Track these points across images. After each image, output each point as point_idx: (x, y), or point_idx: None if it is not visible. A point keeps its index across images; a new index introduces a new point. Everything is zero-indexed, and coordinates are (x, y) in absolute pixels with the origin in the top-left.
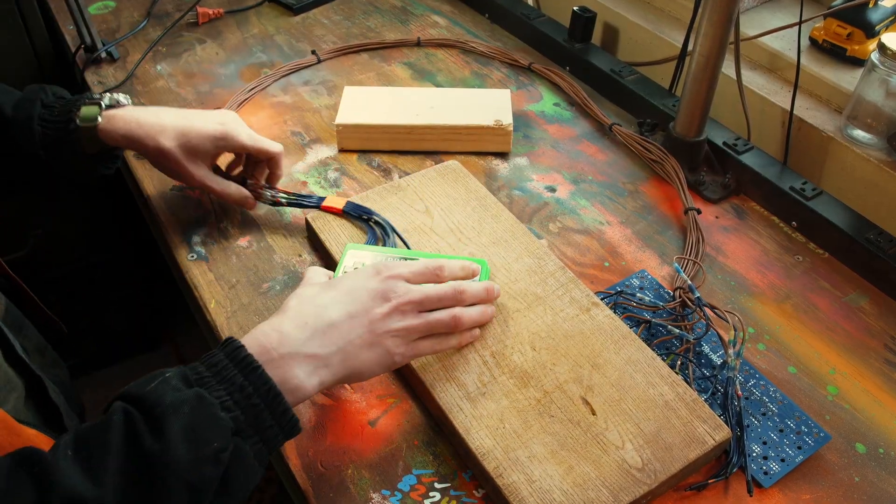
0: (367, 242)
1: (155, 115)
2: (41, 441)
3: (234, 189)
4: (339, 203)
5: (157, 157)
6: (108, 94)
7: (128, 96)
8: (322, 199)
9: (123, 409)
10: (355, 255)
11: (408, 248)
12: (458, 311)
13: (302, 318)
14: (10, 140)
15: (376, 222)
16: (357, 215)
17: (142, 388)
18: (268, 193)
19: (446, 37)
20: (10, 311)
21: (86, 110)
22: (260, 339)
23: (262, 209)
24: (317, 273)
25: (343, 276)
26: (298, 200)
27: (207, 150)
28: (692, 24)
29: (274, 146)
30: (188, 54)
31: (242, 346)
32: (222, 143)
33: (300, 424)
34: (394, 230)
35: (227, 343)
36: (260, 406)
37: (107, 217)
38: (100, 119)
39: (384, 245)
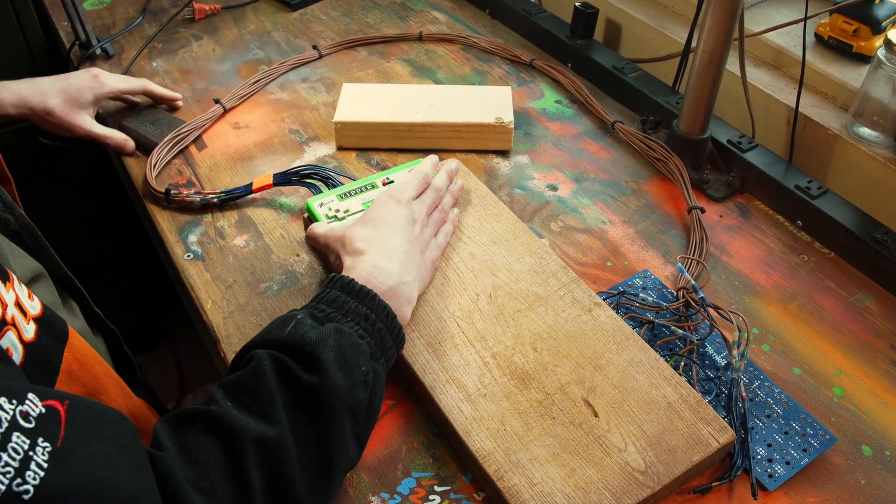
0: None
1: (34, 83)
2: (144, 405)
3: (115, 134)
4: (266, 180)
5: (45, 115)
6: None
7: None
8: (250, 184)
9: (269, 354)
10: (322, 203)
11: (353, 179)
12: (445, 206)
13: (385, 252)
14: None
15: (308, 174)
16: (287, 180)
17: (278, 333)
18: (197, 198)
19: (447, 32)
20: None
21: None
22: (363, 274)
23: (260, 207)
24: (336, 224)
25: (370, 210)
26: (230, 195)
27: (87, 99)
28: (696, 20)
29: (139, 80)
30: (184, 51)
31: (354, 280)
32: (98, 89)
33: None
34: (327, 171)
35: (336, 281)
36: (383, 330)
37: (101, 216)
38: None
39: (329, 188)
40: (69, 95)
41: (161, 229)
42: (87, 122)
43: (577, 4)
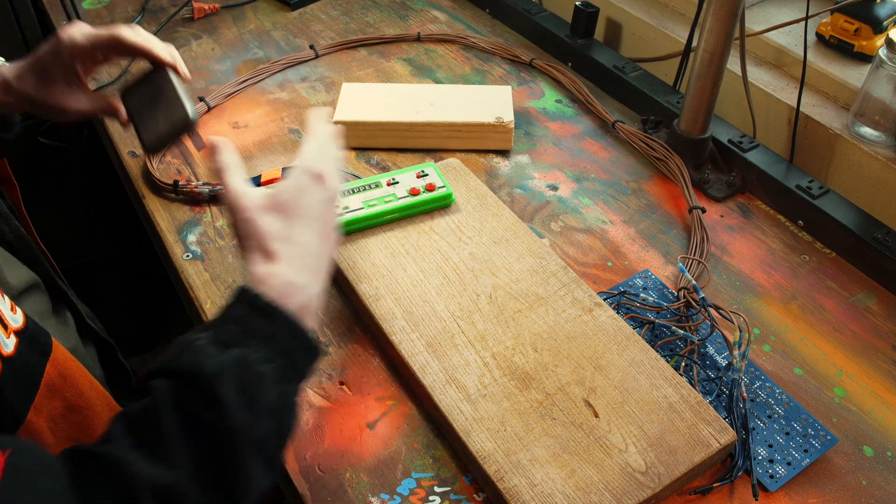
0: None
1: (15, 67)
2: None
3: (100, 101)
4: (276, 173)
5: (27, 101)
6: None
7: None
8: (259, 177)
9: (168, 386)
10: None
11: (357, 178)
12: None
13: (299, 259)
14: None
15: None
16: None
17: (177, 361)
18: (206, 189)
19: (446, 32)
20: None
21: None
22: (274, 293)
23: None
24: (252, 192)
25: (291, 195)
26: None
27: (56, 69)
28: (697, 20)
29: (106, 31)
30: (183, 50)
31: (259, 296)
32: (66, 48)
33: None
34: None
35: (244, 293)
36: (293, 349)
37: (100, 216)
38: None
39: None
40: (38, 66)
41: (160, 229)
42: (62, 98)
43: (577, 4)
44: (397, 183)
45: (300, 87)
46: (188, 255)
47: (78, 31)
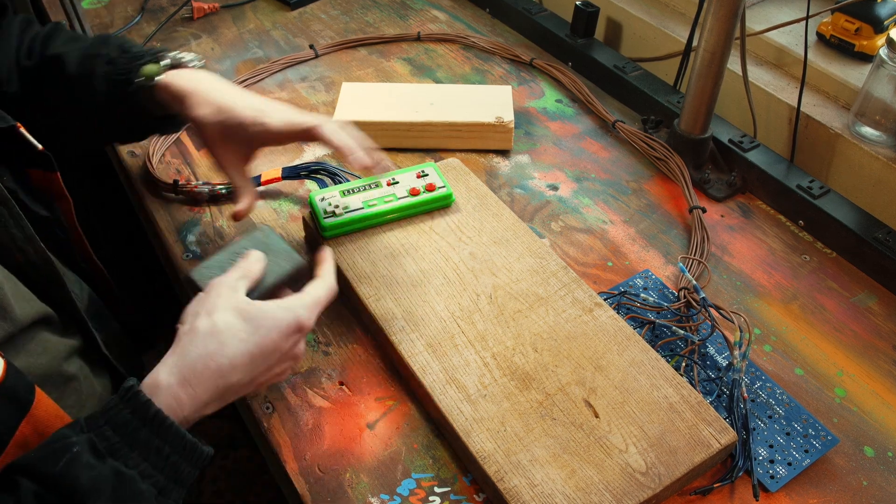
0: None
1: (209, 84)
2: None
3: (245, 196)
4: (275, 173)
5: (194, 127)
6: (175, 52)
7: (199, 56)
8: (259, 177)
9: (35, 492)
10: (324, 198)
11: (359, 178)
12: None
13: (211, 381)
14: (71, 97)
15: (316, 170)
16: (296, 174)
17: (51, 465)
18: (206, 189)
19: (446, 31)
20: (91, 299)
21: (148, 68)
22: (166, 399)
23: (260, 208)
24: (231, 294)
25: (270, 319)
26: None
27: (240, 138)
28: (697, 19)
29: (303, 125)
30: (183, 50)
31: (150, 402)
32: (254, 129)
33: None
34: (335, 167)
35: (130, 396)
36: (179, 462)
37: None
38: (158, 79)
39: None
40: (224, 121)
41: (160, 229)
42: (231, 162)
43: (577, 3)
44: (397, 183)
45: (300, 86)
46: (188, 256)
47: (277, 123)
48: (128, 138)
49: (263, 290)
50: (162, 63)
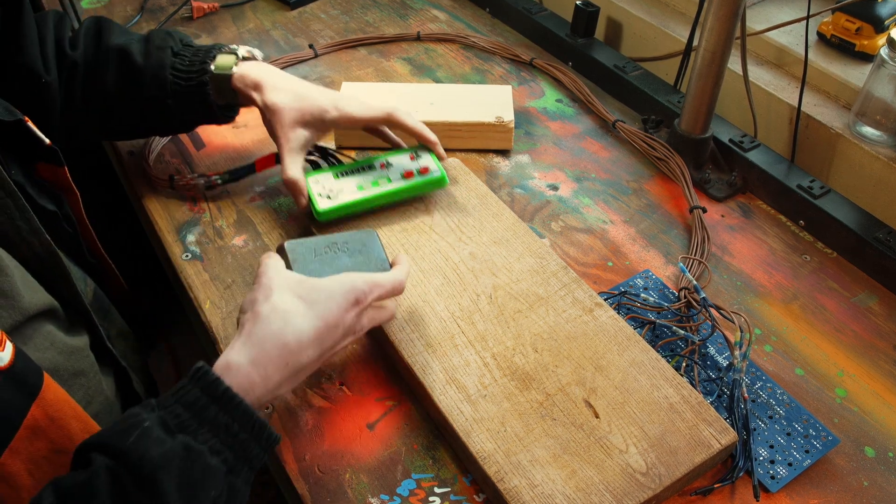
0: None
1: (281, 74)
2: None
3: (296, 185)
4: (269, 158)
5: (270, 111)
6: (242, 46)
7: (261, 52)
8: (254, 164)
9: (107, 466)
10: (318, 180)
11: (353, 160)
12: (391, 307)
13: (285, 358)
14: (139, 87)
15: (309, 151)
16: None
17: (121, 440)
18: (201, 181)
19: (446, 31)
20: (97, 294)
21: (222, 59)
22: (237, 378)
23: (259, 207)
24: (279, 274)
25: (326, 294)
26: (234, 174)
27: (315, 123)
28: (697, 19)
29: (381, 109)
30: None
31: (219, 379)
32: (331, 117)
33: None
34: (329, 149)
35: (200, 375)
36: (248, 441)
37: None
38: (234, 69)
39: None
40: (301, 107)
41: (159, 229)
42: (293, 146)
43: (577, 3)
44: (391, 165)
45: None
46: (187, 256)
47: (358, 106)
48: (182, 129)
49: None
50: (238, 54)
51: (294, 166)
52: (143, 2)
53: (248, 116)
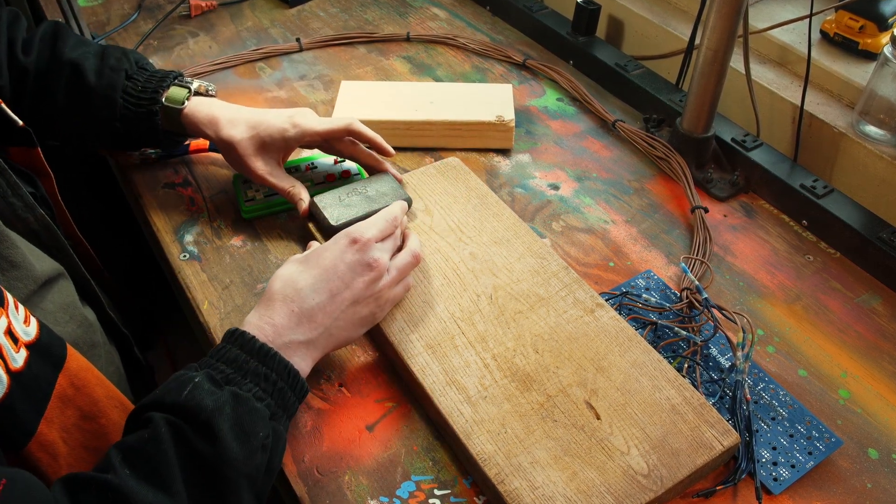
0: None
1: (233, 108)
2: None
3: (292, 189)
4: (203, 143)
5: (227, 147)
6: (194, 79)
7: (214, 87)
8: (188, 144)
9: (166, 420)
10: (245, 181)
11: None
12: (414, 249)
13: (288, 306)
14: (88, 106)
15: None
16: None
17: (176, 395)
18: (136, 153)
19: (445, 30)
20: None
21: (174, 91)
22: (257, 332)
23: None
24: (284, 264)
25: (320, 250)
26: (169, 152)
27: (277, 144)
28: (700, 17)
29: (342, 121)
30: (180, 48)
31: (254, 337)
32: (292, 135)
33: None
34: None
35: (235, 336)
36: (284, 388)
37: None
38: (186, 104)
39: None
40: (258, 134)
41: (157, 229)
42: (267, 169)
43: (578, 1)
44: (315, 168)
45: (299, 85)
46: (185, 256)
47: (317, 121)
48: (127, 147)
49: (352, 219)
50: (191, 88)
51: (283, 181)
52: (141, 0)
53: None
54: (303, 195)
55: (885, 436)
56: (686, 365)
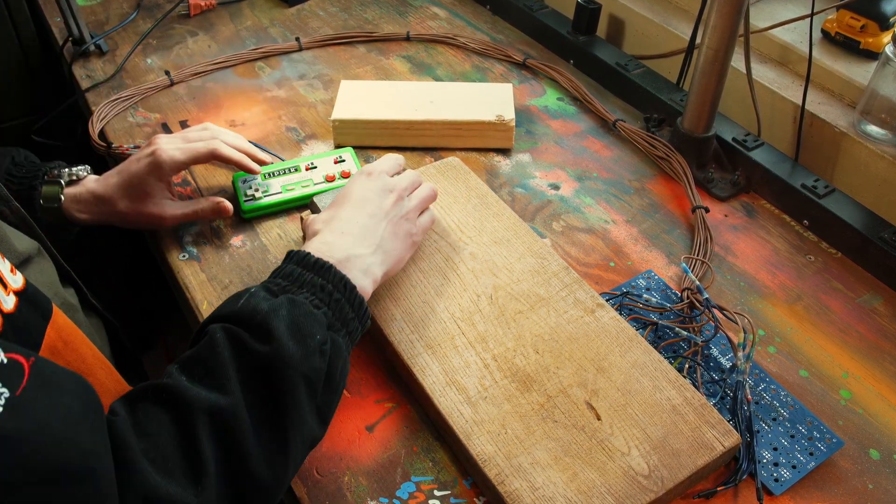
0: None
1: (104, 183)
2: None
3: (201, 203)
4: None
5: (125, 220)
6: (66, 169)
7: (87, 167)
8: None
9: (222, 327)
10: (245, 180)
11: (281, 159)
12: (431, 184)
13: (338, 230)
14: None
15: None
16: None
17: (232, 306)
18: (133, 150)
19: (445, 29)
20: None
21: (47, 190)
22: (312, 251)
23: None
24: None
25: (343, 191)
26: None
27: (152, 187)
28: (700, 16)
29: (204, 147)
30: (179, 47)
31: (309, 253)
32: (157, 171)
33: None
34: (259, 146)
35: (291, 255)
36: (342, 300)
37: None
38: (62, 198)
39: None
40: (131, 189)
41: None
42: (163, 209)
43: (579, 0)
44: (315, 168)
45: (298, 84)
46: (184, 256)
47: (177, 151)
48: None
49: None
50: (62, 181)
51: (171, 209)
52: None
53: (246, 115)
54: (217, 200)
55: (887, 436)
56: (687, 365)
